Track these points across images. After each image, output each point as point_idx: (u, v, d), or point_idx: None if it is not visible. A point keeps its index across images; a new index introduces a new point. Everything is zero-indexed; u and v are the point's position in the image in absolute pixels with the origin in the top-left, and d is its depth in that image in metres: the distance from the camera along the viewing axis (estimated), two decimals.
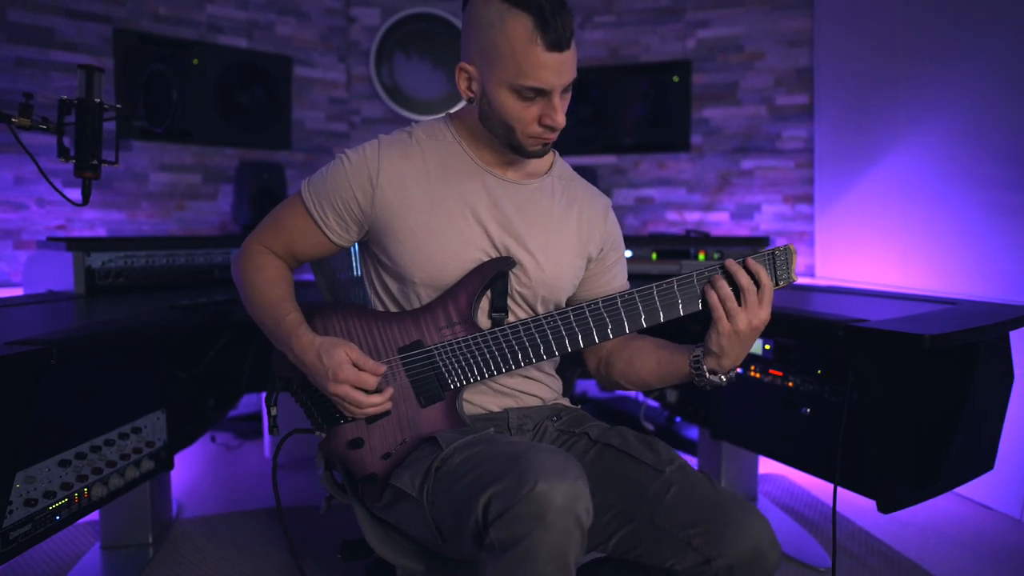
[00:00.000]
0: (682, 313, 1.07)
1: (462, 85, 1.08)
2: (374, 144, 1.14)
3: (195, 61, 3.08)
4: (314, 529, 2.11)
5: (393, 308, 1.18)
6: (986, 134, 2.46)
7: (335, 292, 1.55)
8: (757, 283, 1.03)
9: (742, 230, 3.46)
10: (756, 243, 2.54)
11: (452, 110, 1.20)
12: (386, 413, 1.11)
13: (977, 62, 2.48)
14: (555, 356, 1.09)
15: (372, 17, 3.59)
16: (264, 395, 1.20)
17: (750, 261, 1.04)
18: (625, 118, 3.47)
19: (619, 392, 3.45)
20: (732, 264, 1.04)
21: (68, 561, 1.91)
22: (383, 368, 1.06)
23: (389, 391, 1.08)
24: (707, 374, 1.08)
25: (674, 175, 3.54)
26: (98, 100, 1.35)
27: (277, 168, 3.12)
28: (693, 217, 3.52)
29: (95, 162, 1.38)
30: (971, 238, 2.52)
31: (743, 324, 1.02)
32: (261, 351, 2.14)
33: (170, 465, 1.78)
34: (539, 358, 1.09)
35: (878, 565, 1.92)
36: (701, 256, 2.57)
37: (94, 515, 2.04)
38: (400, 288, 1.15)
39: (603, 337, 1.07)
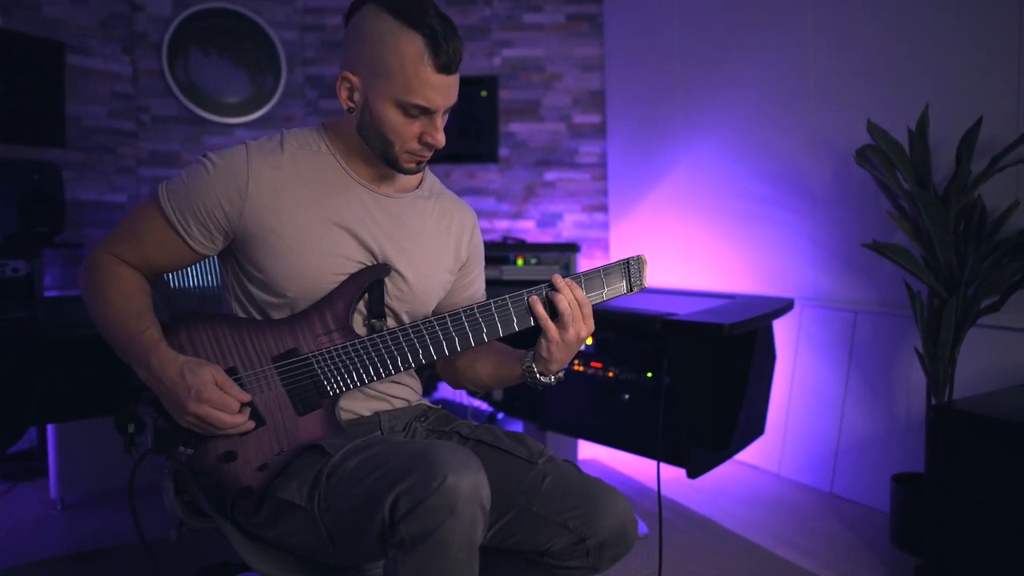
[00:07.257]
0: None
1: (343, 95, 1.09)
2: (241, 150, 1.10)
3: None
4: (152, 564, 1.91)
5: (260, 318, 1.14)
6: (753, 152, 2.95)
7: (171, 303, 1.44)
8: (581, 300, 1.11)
9: (547, 237, 3.73)
10: (567, 248, 2.78)
11: (325, 120, 1.20)
12: (262, 424, 1.08)
13: (746, 83, 2.96)
14: (433, 360, 1.14)
15: (161, 7, 3.30)
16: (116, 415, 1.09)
17: (575, 287, 1.12)
18: None
19: (440, 395, 3.54)
20: (561, 281, 1.10)
21: None
22: (248, 397, 1.05)
23: (247, 411, 1.06)
24: (538, 376, 1.16)
25: (484, 185, 3.72)
26: None
27: (52, 169, 2.72)
28: (502, 225, 3.72)
29: None
30: (741, 242, 3.00)
31: (572, 335, 1.11)
32: (58, 375, 1.89)
33: None
34: (418, 363, 1.13)
35: (683, 525, 2.23)
36: (520, 262, 2.75)
37: None
38: (269, 299, 1.13)
39: (479, 340, 1.13)
